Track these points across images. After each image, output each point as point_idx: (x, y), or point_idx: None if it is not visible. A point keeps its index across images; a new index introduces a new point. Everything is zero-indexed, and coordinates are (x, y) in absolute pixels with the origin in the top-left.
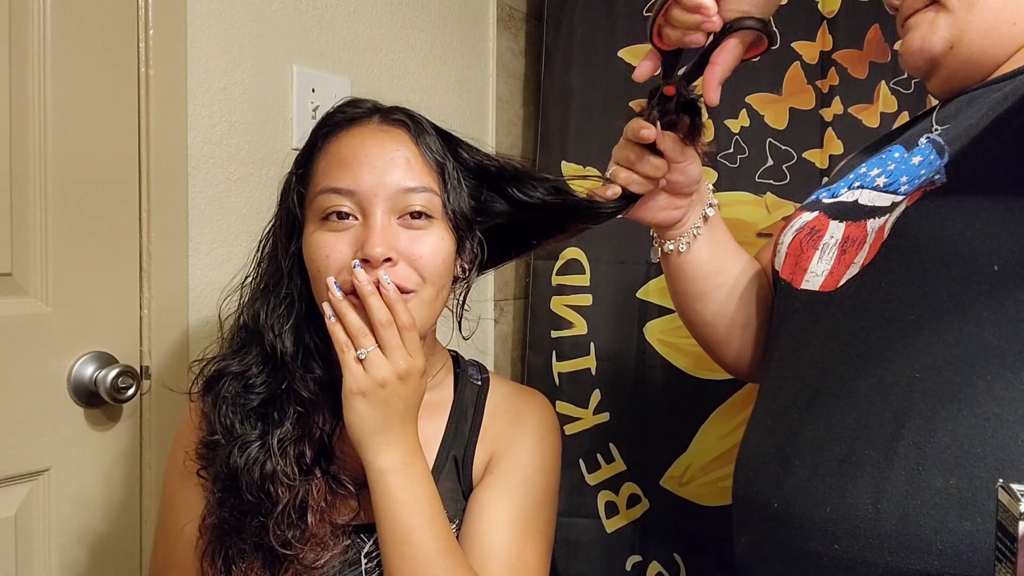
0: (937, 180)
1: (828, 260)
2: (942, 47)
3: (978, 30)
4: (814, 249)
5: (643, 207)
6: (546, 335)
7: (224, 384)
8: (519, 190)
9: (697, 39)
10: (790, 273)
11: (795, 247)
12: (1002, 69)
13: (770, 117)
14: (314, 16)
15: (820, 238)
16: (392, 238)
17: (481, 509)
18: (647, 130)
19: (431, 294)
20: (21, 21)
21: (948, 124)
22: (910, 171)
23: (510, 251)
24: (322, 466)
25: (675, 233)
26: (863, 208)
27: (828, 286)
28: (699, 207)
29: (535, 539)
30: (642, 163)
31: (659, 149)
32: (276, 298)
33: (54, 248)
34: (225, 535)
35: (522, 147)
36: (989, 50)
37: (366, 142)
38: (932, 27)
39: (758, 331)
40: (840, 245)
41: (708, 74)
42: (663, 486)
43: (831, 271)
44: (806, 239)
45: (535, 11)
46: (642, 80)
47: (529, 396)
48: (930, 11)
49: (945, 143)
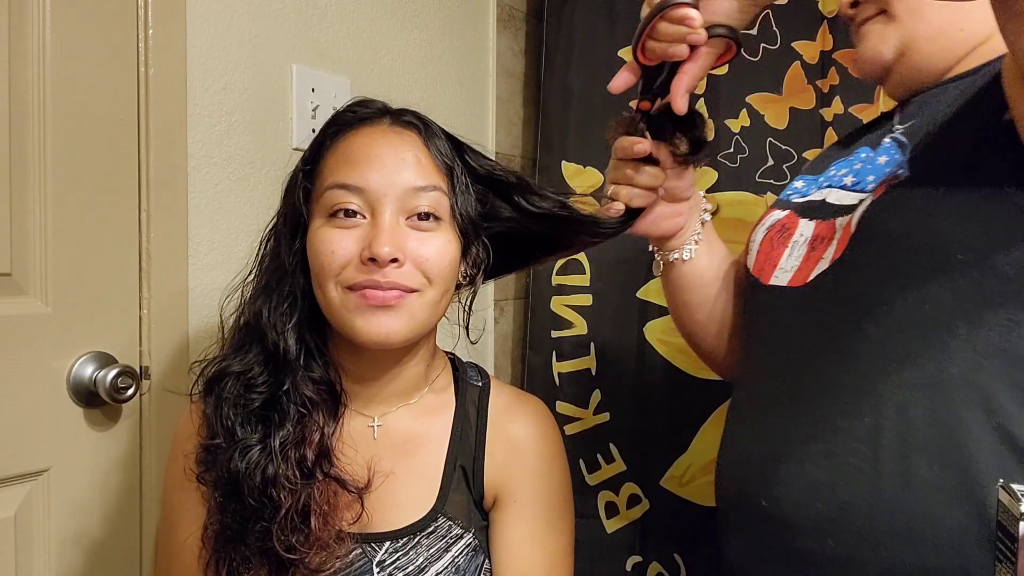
0: (900, 174)
1: (797, 257)
2: (892, 55)
3: (926, 37)
4: (784, 246)
5: (646, 220)
6: (546, 335)
7: (226, 385)
8: (525, 200)
9: (681, 51)
10: (759, 269)
11: (766, 244)
12: (954, 71)
13: (770, 117)
14: (314, 16)
15: (790, 236)
16: (400, 239)
17: (509, 543)
18: (640, 144)
19: (435, 296)
20: (21, 21)
21: (909, 123)
22: (876, 170)
23: (513, 263)
24: (323, 468)
25: (678, 242)
26: (831, 207)
27: (796, 282)
28: (696, 212)
29: (564, 562)
30: (640, 175)
31: (654, 158)
32: (279, 296)
33: (54, 248)
34: (228, 543)
35: (522, 147)
36: (938, 55)
37: (377, 141)
38: (882, 37)
39: None
40: (809, 243)
41: (676, 82)
42: (663, 486)
43: (799, 267)
44: (776, 236)
45: (535, 11)
46: (617, 92)
47: (531, 407)
48: (880, 21)
49: (907, 140)
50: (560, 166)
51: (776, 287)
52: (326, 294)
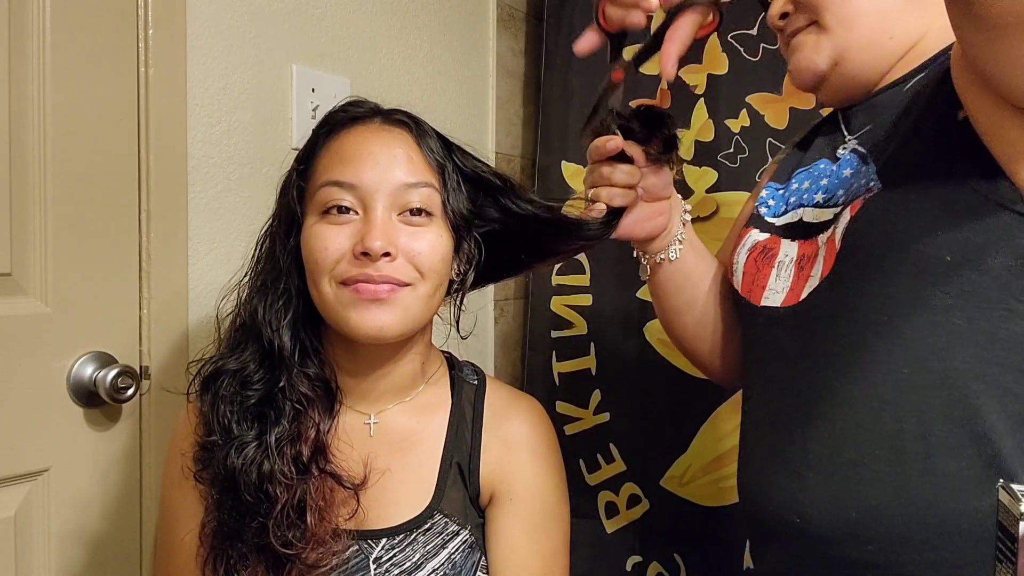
0: (873, 187)
1: (787, 277)
2: (827, 65)
3: (858, 47)
4: (769, 267)
5: (629, 221)
6: (546, 335)
7: (222, 383)
8: (511, 201)
9: (638, 19)
10: (748, 291)
11: (750, 266)
12: (888, 77)
13: (770, 117)
14: (314, 16)
15: (774, 256)
16: (392, 233)
17: (505, 541)
18: (612, 142)
19: (428, 290)
20: (21, 21)
21: (861, 132)
22: (844, 183)
23: (504, 269)
24: (319, 464)
25: (663, 244)
26: (810, 225)
27: (790, 301)
28: (677, 212)
29: (560, 560)
30: (616, 174)
31: (627, 156)
32: (274, 294)
33: (54, 248)
34: (225, 539)
35: (522, 147)
36: (871, 63)
37: (369, 139)
38: (816, 48)
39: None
40: (796, 263)
41: (665, 50)
42: (663, 486)
43: (791, 287)
44: (760, 258)
45: (535, 11)
46: (582, 54)
47: (526, 405)
48: (812, 32)
49: (867, 151)
50: (560, 166)
51: (769, 307)
52: (320, 290)
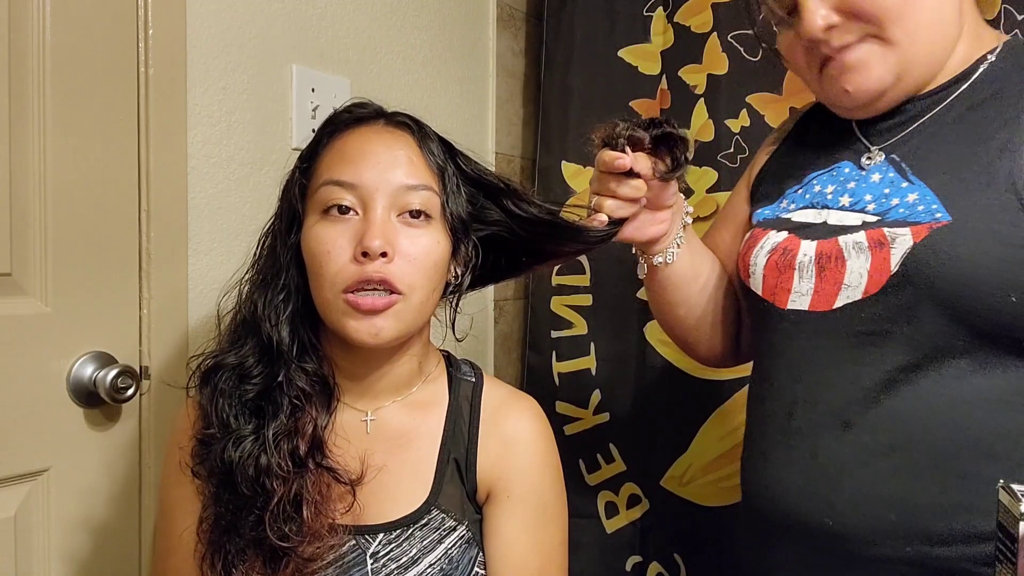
0: (941, 219)
1: (809, 278)
2: (892, 80)
3: (921, 61)
4: (791, 268)
5: (631, 227)
6: (546, 335)
7: (221, 376)
8: (513, 204)
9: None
10: (771, 294)
11: (771, 268)
12: (928, 87)
13: (771, 117)
14: (314, 16)
15: (794, 256)
16: (391, 234)
17: (502, 538)
18: (622, 159)
19: (421, 298)
20: (21, 21)
21: (892, 139)
22: (872, 189)
23: (504, 270)
24: (315, 459)
25: (661, 247)
26: (832, 227)
27: (820, 306)
28: (679, 217)
29: (557, 557)
30: (622, 188)
31: (635, 171)
32: (274, 290)
33: (53, 248)
34: (223, 534)
35: (522, 147)
36: (925, 76)
37: (371, 140)
38: (883, 63)
39: (726, 321)
40: (816, 262)
41: None
42: (663, 486)
43: (816, 289)
44: (780, 259)
45: (535, 11)
46: None
47: (523, 403)
48: (873, 45)
49: (900, 159)
50: (560, 166)
51: (797, 311)
52: (322, 295)
